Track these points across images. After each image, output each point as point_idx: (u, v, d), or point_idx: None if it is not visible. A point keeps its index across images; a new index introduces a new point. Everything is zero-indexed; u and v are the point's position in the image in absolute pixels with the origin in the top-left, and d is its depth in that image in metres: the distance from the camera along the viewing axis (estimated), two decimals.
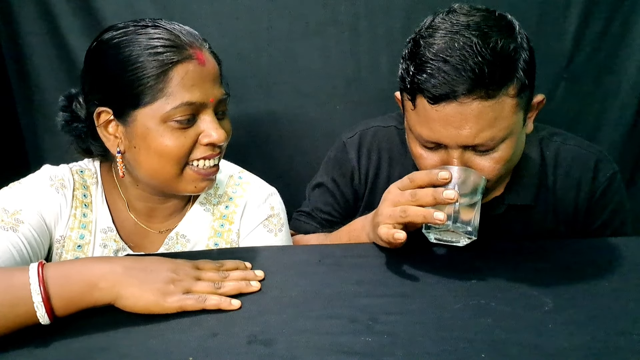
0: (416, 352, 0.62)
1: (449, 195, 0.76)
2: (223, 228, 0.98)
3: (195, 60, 0.83)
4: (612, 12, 1.33)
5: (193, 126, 0.84)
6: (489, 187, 0.92)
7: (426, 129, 0.87)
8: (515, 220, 1.03)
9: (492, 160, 0.87)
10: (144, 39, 0.82)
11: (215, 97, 0.85)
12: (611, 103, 1.39)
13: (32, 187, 0.90)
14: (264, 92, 1.39)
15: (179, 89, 0.81)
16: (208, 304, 0.71)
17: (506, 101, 0.83)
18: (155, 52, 0.81)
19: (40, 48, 1.35)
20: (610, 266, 0.84)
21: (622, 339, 0.65)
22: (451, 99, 0.81)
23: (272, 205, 1.00)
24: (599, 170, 1.02)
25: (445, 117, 0.83)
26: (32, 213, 0.87)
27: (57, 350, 0.63)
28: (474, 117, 0.82)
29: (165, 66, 0.81)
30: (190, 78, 0.82)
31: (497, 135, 0.84)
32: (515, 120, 0.86)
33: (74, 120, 0.91)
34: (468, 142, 0.84)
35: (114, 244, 0.95)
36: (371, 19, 1.34)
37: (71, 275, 0.67)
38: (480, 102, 0.81)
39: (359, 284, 0.79)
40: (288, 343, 0.64)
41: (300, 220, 1.18)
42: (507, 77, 0.82)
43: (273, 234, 0.99)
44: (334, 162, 1.15)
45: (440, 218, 0.76)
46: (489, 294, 0.76)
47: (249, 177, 1.04)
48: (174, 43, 0.82)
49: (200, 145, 0.86)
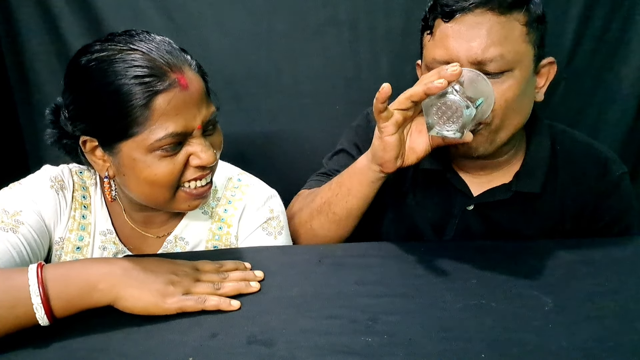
0: (416, 352, 0.62)
1: (452, 69, 0.77)
2: (221, 231, 0.98)
3: (177, 87, 0.78)
4: (612, 12, 1.32)
5: (181, 150, 0.81)
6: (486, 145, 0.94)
7: (440, 49, 0.91)
8: (522, 208, 1.03)
9: (499, 87, 0.90)
10: (124, 66, 0.77)
11: (203, 120, 0.82)
12: (611, 103, 1.39)
13: (32, 188, 0.90)
14: (264, 92, 1.39)
15: (162, 120, 0.77)
16: (208, 305, 0.71)
17: (516, 25, 0.89)
18: (137, 82, 0.76)
19: (40, 48, 1.35)
20: (610, 266, 0.84)
21: (622, 339, 0.65)
22: (465, 11, 0.89)
23: (271, 208, 0.99)
24: (608, 169, 1.02)
25: (459, 31, 0.89)
26: (32, 214, 0.87)
27: (57, 351, 0.63)
28: (485, 30, 0.88)
29: (147, 97, 0.76)
30: (174, 107, 0.78)
31: (506, 55, 0.88)
32: (524, 51, 0.91)
33: (63, 136, 0.88)
34: (478, 55, 0.88)
35: (113, 246, 0.94)
36: (371, 19, 1.34)
37: (70, 277, 0.67)
38: (492, 15, 0.88)
39: (359, 284, 0.79)
40: (288, 343, 0.64)
41: (313, 179, 1.16)
42: (518, 2, 0.89)
43: (273, 237, 0.98)
44: (356, 129, 1.16)
45: (440, 82, 0.77)
46: (489, 294, 0.76)
47: (249, 179, 1.02)
48: (154, 71, 0.77)
49: (190, 167, 0.83)
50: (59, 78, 1.36)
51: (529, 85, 0.94)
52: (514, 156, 1.04)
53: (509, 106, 0.91)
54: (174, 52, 0.81)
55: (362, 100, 1.38)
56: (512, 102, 0.91)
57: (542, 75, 0.97)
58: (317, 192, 1.05)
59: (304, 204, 1.07)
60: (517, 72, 0.90)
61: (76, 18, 1.33)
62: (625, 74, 1.36)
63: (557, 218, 1.04)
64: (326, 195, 1.01)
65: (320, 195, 1.02)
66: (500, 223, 1.01)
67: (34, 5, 1.32)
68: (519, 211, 1.03)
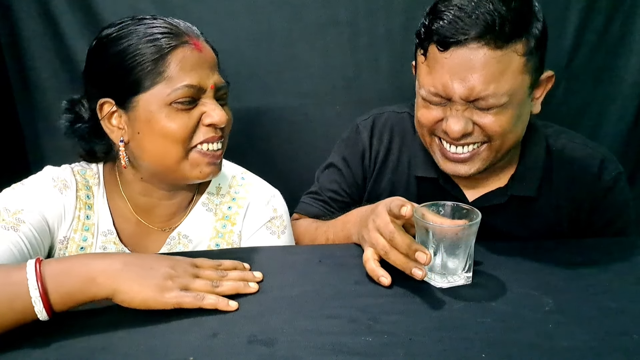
0: (416, 352, 0.62)
1: (421, 259, 0.74)
2: (225, 229, 0.98)
3: (192, 46, 0.85)
4: (612, 11, 1.33)
5: (195, 108, 0.86)
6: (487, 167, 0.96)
7: (433, 79, 0.90)
8: (517, 211, 1.03)
9: (494, 119, 0.89)
10: (142, 28, 0.85)
11: (215, 84, 0.87)
12: (611, 103, 1.39)
13: (35, 187, 0.90)
14: (264, 92, 1.39)
15: (178, 73, 0.84)
16: (205, 303, 0.71)
17: (514, 58, 0.86)
18: (153, 38, 0.84)
19: (40, 48, 1.35)
20: (610, 266, 0.84)
21: (622, 339, 0.65)
22: (461, 44, 0.85)
23: (275, 207, 1.00)
24: (604, 169, 1.02)
25: (453, 65, 0.86)
26: (34, 213, 0.87)
27: (58, 350, 0.63)
28: (481, 66, 0.85)
29: (162, 50, 0.83)
30: (189, 62, 0.84)
31: (500, 91, 0.86)
32: (520, 83, 0.88)
33: (77, 121, 0.92)
34: (472, 93, 0.86)
35: (113, 246, 0.95)
36: (371, 19, 1.34)
37: (69, 271, 0.67)
38: (488, 50, 0.84)
39: (359, 284, 0.79)
40: (288, 343, 0.64)
41: (305, 202, 1.19)
42: (517, 33, 0.85)
43: (276, 236, 0.99)
44: (346, 142, 1.17)
45: (418, 275, 0.75)
46: (489, 294, 0.76)
47: (252, 178, 1.04)
48: (171, 30, 0.85)
49: (202, 126, 0.87)
50: (59, 78, 1.38)
51: (524, 107, 0.92)
52: (509, 160, 1.03)
53: (504, 131, 0.90)
54: (191, 27, 0.89)
55: (362, 100, 1.38)
56: (507, 127, 0.90)
57: (539, 88, 0.96)
58: (313, 233, 1.08)
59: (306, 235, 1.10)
60: (509, 103, 0.88)
61: (76, 18, 1.33)
62: (625, 74, 1.37)
63: (554, 220, 1.04)
64: (320, 241, 1.04)
65: (318, 239, 1.05)
66: (497, 227, 1.01)
67: (34, 5, 1.32)
68: (514, 215, 1.03)
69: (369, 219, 0.84)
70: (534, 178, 1.02)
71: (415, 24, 0.95)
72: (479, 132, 0.91)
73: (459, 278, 0.78)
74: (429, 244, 0.77)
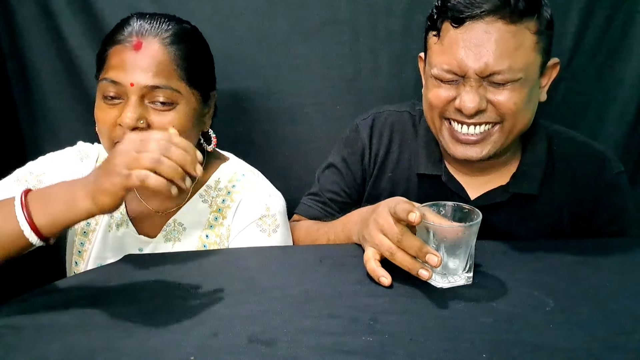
0: (417, 352, 0.62)
1: (432, 261, 0.74)
2: (216, 221, 1.00)
3: (130, 45, 0.90)
4: (612, 11, 1.32)
5: (119, 106, 0.90)
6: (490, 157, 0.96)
7: (448, 56, 0.90)
8: (519, 209, 1.03)
9: (505, 96, 0.89)
10: (118, 23, 0.94)
11: (137, 83, 0.88)
12: (612, 103, 1.39)
13: (60, 155, 1.04)
14: (264, 92, 1.39)
15: (108, 68, 0.90)
16: (150, 183, 0.72)
17: (527, 34, 0.87)
18: (112, 32, 0.93)
19: (40, 48, 1.35)
20: (610, 266, 0.84)
21: (622, 339, 0.65)
22: (476, 18, 0.86)
23: (268, 206, 1.00)
24: (605, 168, 1.02)
25: (469, 39, 0.87)
26: (54, 177, 0.96)
27: (58, 350, 0.63)
28: (496, 40, 0.86)
29: (110, 43, 0.92)
30: (120, 60, 0.89)
31: (515, 66, 0.87)
32: (533, 61, 0.90)
33: None
34: (488, 67, 0.87)
35: (119, 215, 1.01)
36: (371, 19, 1.34)
37: (50, 195, 0.76)
38: (503, 24, 0.86)
39: (359, 283, 0.79)
40: (289, 343, 0.64)
41: (305, 203, 1.19)
42: (530, 9, 0.86)
43: (266, 234, 0.98)
44: (345, 141, 1.16)
45: (424, 276, 0.76)
46: (489, 294, 0.76)
47: (254, 177, 1.05)
48: (126, 28, 0.91)
49: (118, 125, 0.90)
50: (59, 78, 1.37)
51: (535, 89, 0.94)
52: (510, 157, 1.04)
53: (518, 109, 0.91)
54: (158, 22, 0.93)
55: (362, 100, 1.38)
56: (520, 106, 0.91)
57: (545, 76, 0.97)
58: (314, 234, 1.07)
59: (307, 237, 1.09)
60: (524, 80, 0.89)
61: (76, 18, 1.32)
62: (625, 74, 1.36)
63: (555, 219, 1.04)
64: (321, 242, 1.04)
65: (319, 240, 1.05)
66: (498, 225, 1.01)
67: (34, 5, 1.32)
68: (516, 213, 1.03)
69: (370, 219, 0.83)
70: (535, 176, 1.02)
71: (416, 24, 0.95)
72: (492, 110, 0.92)
73: (459, 278, 0.78)
74: (429, 244, 0.77)
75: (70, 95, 1.37)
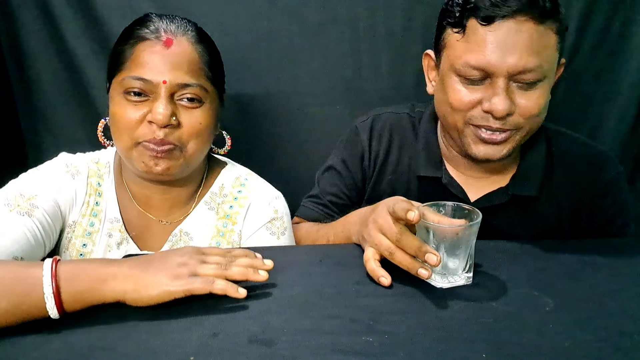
0: (417, 352, 0.62)
1: (431, 261, 0.74)
2: (226, 228, 0.99)
3: (160, 42, 0.88)
4: (612, 11, 1.32)
5: (146, 103, 0.88)
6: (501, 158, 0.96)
7: (476, 55, 0.89)
8: (519, 211, 1.03)
9: (532, 98, 0.90)
10: (137, 21, 0.92)
11: (170, 80, 0.87)
12: (611, 103, 1.39)
13: (49, 173, 0.94)
14: (264, 92, 1.39)
15: (135, 64, 0.87)
16: (215, 288, 0.70)
17: (551, 34, 0.89)
18: (132, 29, 0.90)
19: (40, 48, 1.35)
20: (610, 266, 0.84)
21: (622, 339, 0.65)
22: (507, 17, 0.86)
23: (276, 209, 1.01)
24: (604, 169, 1.03)
25: (498, 38, 0.87)
26: (47, 199, 0.89)
27: (59, 350, 0.63)
28: (526, 39, 0.86)
29: (133, 39, 0.88)
30: (149, 57, 0.87)
31: (543, 65, 0.88)
32: (554, 60, 0.91)
33: None
34: (518, 66, 0.87)
35: (118, 234, 0.96)
36: (371, 19, 1.34)
37: (82, 272, 0.69)
38: (533, 24, 0.86)
39: (359, 283, 0.79)
40: (289, 343, 0.64)
41: (305, 206, 1.19)
42: (554, 10, 0.88)
43: (276, 237, 0.99)
44: (345, 144, 1.16)
45: (424, 275, 0.75)
46: (489, 294, 0.76)
47: (256, 179, 1.05)
48: (150, 25, 0.89)
49: (146, 122, 0.88)
50: (59, 78, 1.37)
51: (550, 89, 0.94)
52: (510, 159, 1.03)
53: (540, 112, 0.92)
54: (181, 26, 0.91)
55: (362, 100, 1.38)
56: (543, 108, 0.92)
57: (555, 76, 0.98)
58: (314, 235, 1.07)
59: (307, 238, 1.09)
60: (547, 80, 0.90)
61: (76, 18, 1.32)
62: (625, 74, 1.36)
63: (555, 220, 1.04)
64: (321, 243, 1.04)
65: (319, 241, 1.05)
66: (498, 227, 1.01)
67: (34, 6, 1.32)
68: (516, 215, 1.03)
69: (370, 219, 0.83)
70: (535, 177, 1.02)
71: (416, 24, 0.95)
72: (517, 115, 0.92)
73: (459, 278, 0.78)
74: (429, 244, 0.77)
75: (71, 95, 1.37)
